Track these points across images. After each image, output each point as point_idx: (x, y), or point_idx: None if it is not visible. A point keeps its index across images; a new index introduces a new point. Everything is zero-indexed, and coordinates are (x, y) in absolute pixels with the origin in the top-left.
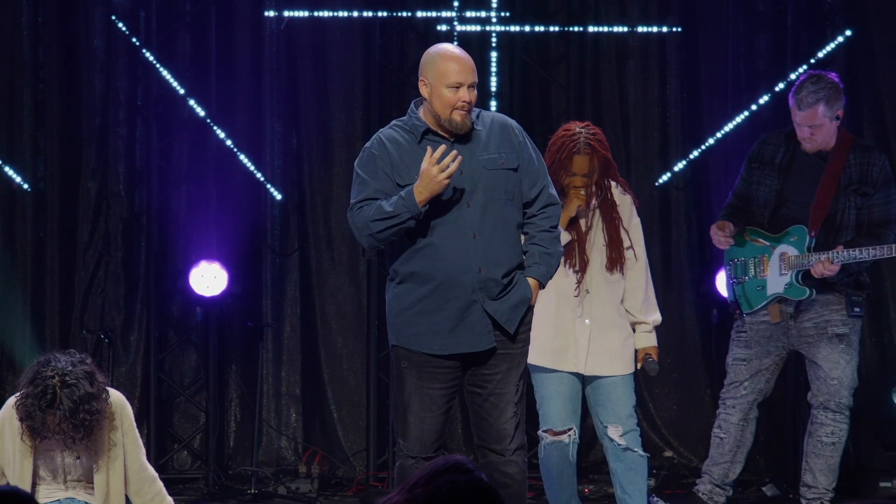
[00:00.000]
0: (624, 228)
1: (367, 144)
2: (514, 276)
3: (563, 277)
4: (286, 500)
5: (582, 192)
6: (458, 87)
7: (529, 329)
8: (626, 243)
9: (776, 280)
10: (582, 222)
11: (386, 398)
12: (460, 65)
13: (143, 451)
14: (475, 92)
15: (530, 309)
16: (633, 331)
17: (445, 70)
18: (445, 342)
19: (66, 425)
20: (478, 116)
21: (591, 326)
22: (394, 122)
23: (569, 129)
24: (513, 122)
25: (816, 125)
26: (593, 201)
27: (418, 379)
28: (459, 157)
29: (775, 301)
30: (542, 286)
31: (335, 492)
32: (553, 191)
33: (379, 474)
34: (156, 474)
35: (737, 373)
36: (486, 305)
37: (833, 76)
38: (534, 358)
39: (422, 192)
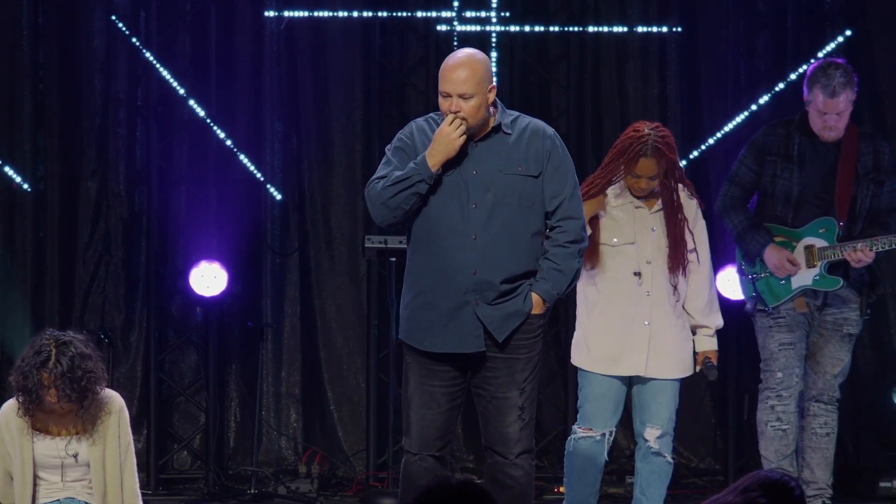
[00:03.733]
0: (689, 231)
1: (402, 130)
2: (519, 285)
3: (624, 279)
4: (286, 500)
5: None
6: (446, 96)
7: (534, 338)
8: (690, 246)
9: (802, 273)
10: (646, 225)
11: (386, 398)
12: (444, 75)
13: (135, 460)
14: (473, 102)
15: (534, 319)
16: (694, 333)
17: (439, 76)
18: (435, 340)
19: (62, 383)
20: (513, 121)
21: (650, 329)
22: (431, 113)
23: (638, 130)
24: (549, 131)
25: (842, 111)
26: (657, 203)
27: (419, 375)
28: (463, 120)
29: (801, 294)
30: (545, 303)
31: (335, 492)
32: (577, 205)
33: (379, 474)
34: (139, 492)
35: (788, 358)
36: (478, 309)
37: (843, 61)
38: (587, 364)
39: (435, 154)
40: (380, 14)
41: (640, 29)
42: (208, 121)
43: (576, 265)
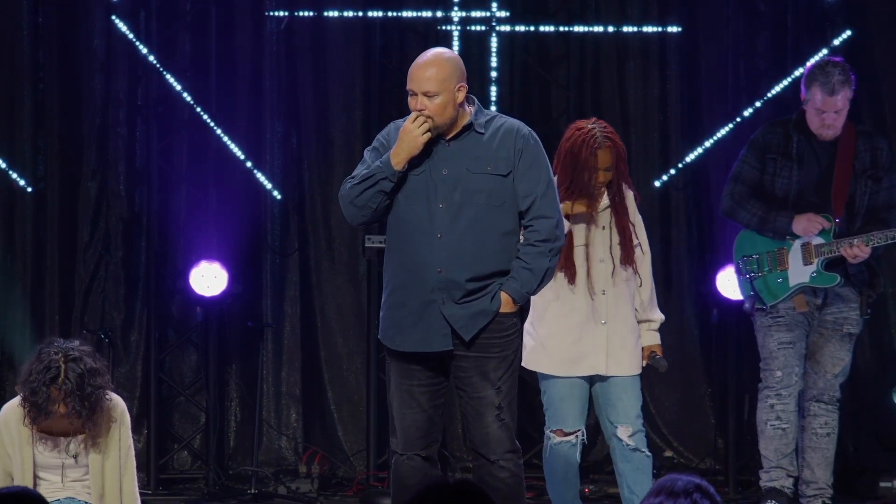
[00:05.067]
0: (632, 223)
1: (382, 130)
2: (489, 284)
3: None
4: (286, 500)
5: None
6: (413, 94)
7: (507, 336)
8: (635, 241)
9: (800, 271)
10: (596, 224)
11: (386, 398)
12: (411, 73)
13: (135, 464)
14: (438, 100)
15: (505, 318)
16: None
17: (407, 75)
18: (404, 339)
19: (72, 399)
20: (488, 121)
21: (607, 328)
22: (412, 113)
23: (582, 128)
24: (523, 131)
25: (840, 109)
26: (603, 200)
27: (398, 376)
28: (427, 119)
29: (799, 292)
30: (515, 302)
31: (335, 492)
32: (550, 203)
33: (379, 474)
34: (138, 495)
35: (787, 357)
36: (445, 308)
37: (841, 60)
38: (547, 367)
39: (399, 152)
40: (380, 14)
41: (640, 29)
42: (208, 121)
43: (547, 264)
